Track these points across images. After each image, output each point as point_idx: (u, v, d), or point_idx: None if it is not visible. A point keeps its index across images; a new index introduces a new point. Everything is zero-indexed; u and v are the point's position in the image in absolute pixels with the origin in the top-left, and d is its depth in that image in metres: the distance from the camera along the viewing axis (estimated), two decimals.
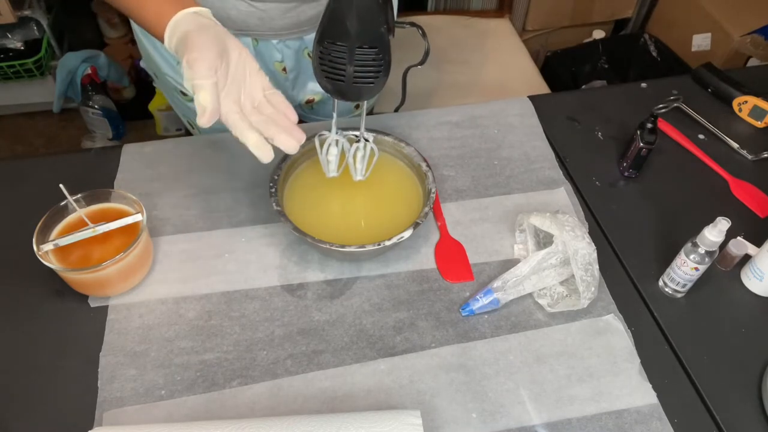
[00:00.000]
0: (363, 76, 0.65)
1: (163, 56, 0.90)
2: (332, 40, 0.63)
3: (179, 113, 1.03)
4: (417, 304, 0.74)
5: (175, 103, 1.00)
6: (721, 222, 0.68)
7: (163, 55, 0.90)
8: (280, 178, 0.77)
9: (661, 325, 0.73)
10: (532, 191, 0.87)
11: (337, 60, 0.64)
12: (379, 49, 0.63)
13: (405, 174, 0.83)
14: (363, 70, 0.64)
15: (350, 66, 0.64)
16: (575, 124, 0.99)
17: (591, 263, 0.70)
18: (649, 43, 1.97)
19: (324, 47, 0.64)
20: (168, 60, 0.90)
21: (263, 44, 0.88)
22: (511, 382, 0.67)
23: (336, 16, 0.61)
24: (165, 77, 0.93)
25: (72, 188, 0.71)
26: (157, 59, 0.91)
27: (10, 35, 1.87)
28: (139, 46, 0.94)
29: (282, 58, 0.91)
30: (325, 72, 0.65)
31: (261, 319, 0.72)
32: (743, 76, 1.04)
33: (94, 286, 0.71)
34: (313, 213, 0.78)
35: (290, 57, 0.91)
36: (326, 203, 0.80)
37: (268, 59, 0.90)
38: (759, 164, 0.94)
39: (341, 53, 0.63)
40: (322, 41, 0.64)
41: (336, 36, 0.62)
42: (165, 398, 0.65)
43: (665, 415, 0.65)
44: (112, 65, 1.98)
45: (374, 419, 0.58)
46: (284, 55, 0.90)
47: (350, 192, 0.81)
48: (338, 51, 0.63)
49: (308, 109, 1.06)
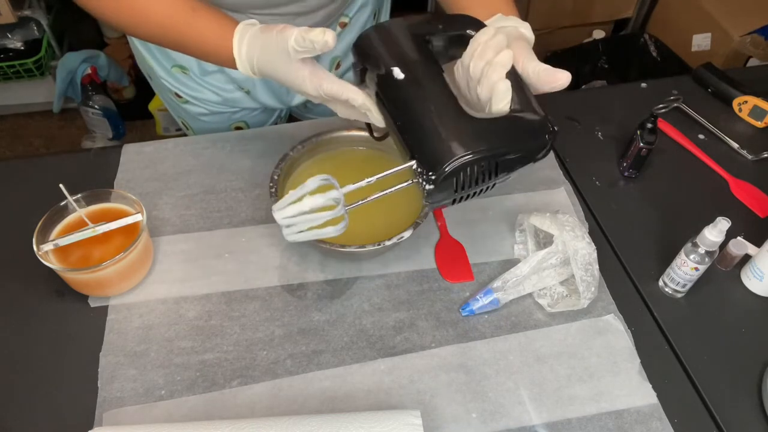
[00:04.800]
0: (467, 196, 0.58)
1: (156, 59, 0.90)
2: (501, 165, 0.55)
3: (174, 114, 1.03)
4: (417, 304, 0.74)
5: (170, 105, 1.00)
6: (721, 222, 0.68)
7: (157, 58, 0.90)
8: (280, 178, 0.77)
9: (661, 325, 0.73)
10: (532, 191, 0.87)
11: (480, 179, 0.56)
12: (501, 180, 0.58)
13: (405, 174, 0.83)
14: (466, 191, 0.57)
15: (473, 187, 0.56)
16: (575, 124, 0.99)
17: (591, 263, 0.70)
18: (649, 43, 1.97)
19: (481, 160, 0.53)
20: (162, 63, 0.90)
21: None
22: (511, 382, 0.67)
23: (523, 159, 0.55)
24: (159, 80, 0.93)
25: (72, 188, 0.71)
26: (150, 62, 0.90)
27: (10, 35, 1.87)
28: (133, 50, 0.94)
29: None
30: (455, 178, 0.54)
31: (261, 319, 0.72)
32: (743, 76, 1.04)
33: (94, 286, 0.71)
34: None
35: None
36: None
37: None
38: (759, 164, 0.94)
39: (489, 179, 0.56)
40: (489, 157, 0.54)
41: (503, 162, 0.55)
42: (165, 398, 0.65)
43: (665, 415, 0.65)
44: (112, 65, 1.99)
45: (374, 419, 0.58)
46: None
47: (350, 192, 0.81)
48: (490, 176, 0.56)
49: (302, 107, 1.06)
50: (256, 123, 1.01)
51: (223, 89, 0.92)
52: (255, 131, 0.95)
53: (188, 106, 0.95)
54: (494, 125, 0.55)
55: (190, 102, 0.94)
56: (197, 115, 0.97)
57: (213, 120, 0.97)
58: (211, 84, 0.91)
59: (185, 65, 0.89)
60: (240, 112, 0.98)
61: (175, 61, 0.88)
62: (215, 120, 0.98)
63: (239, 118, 0.99)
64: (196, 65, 0.88)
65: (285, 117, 1.08)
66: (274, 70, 0.61)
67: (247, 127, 1.00)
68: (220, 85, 0.91)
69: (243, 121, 1.00)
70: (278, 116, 1.05)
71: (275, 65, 0.60)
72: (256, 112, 0.99)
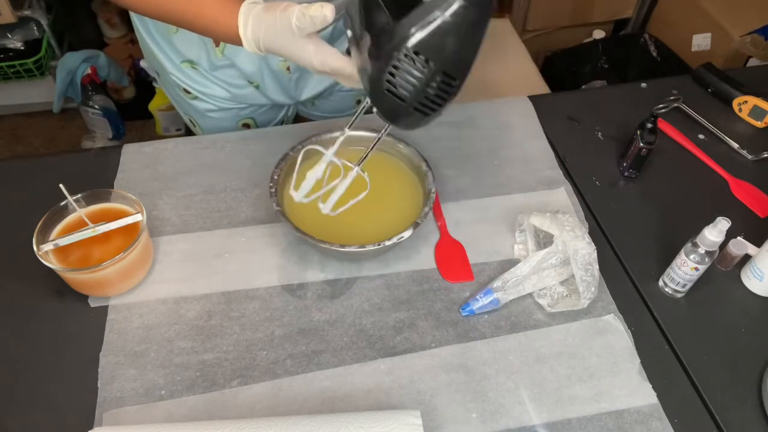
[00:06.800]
0: (428, 104, 0.57)
1: (166, 54, 0.90)
2: (423, 54, 0.53)
3: (181, 111, 1.03)
4: (417, 304, 0.74)
5: (178, 102, 1.00)
6: (721, 222, 0.68)
7: (166, 53, 0.90)
8: (280, 178, 0.77)
9: (661, 325, 0.73)
10: (532, 191, 0.87)
11: (413, 77, 0.55)
12: (459, 82, 0.56)
13: (405, 174, 0.83)
14: (433, 98, 0.56)
15: (424, 88, 0.55)
16: (575, 124, 0.99)
17: (591, 263, 0.70)
18: (649, 43, 1.97)
19: (406, 57, 0.54)
20: (171, 58, 0.90)
21: None
22: (511, 382, 0.67)
23: (440, 30, 0.52)
24: (168, 75, 0.93)
25: (72, 188, 0.71)
26: (160, 58, 0.91)
27: (10, 35, 1.87)
28: (141, 46, 0.94)
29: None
30: (390, 84, 0.56)
31: (261, 319, 0.72)
32: (743, 76, 1.04)
33: (94, 286, 0.71)
34: (313, 213, 0.78)
35: None
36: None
37: (273, 59, 0.89)
38: (759, 164, 0.94)
39: (422, 72, 0.54)
40: (405, 48, 0.53)
41: (430, 51, 0.53)
42: (165, 398, 0.65)
43: (665, 415, 0.65)
44: (112, 65, 1.98)
45: (374, 419, 0.58)
46: None
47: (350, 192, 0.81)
48: (421, 68, 0.54)
49: (309, 105, 1.06)
50: (264, 120, 1.02)
51: (233, 84, 0.92)
52: (255, 131, 0.95)
53: (196, 102, 0.95)
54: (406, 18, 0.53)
55: (199, 98, 0.94)
56: (205, 111, 0.97)
57: (221, 116, 0.98)
58: (220, 79, 0.91)
59: (194, 60, 0.89)
60: (248, 109, 0.98)
61: (184, 56, 0.89)
62: (223, 116, 0.98)
63: (247, 114, 0.99)
64: (206, 60, 0.89)
65: (292, 116, 1.08)
66: (280, 48, 0.62)
67: (254, 124, 1.01)
68: (229, 80, 0.91)
69: (251, 117, 1.00)
70: (285, 114, 1.05)
71: (281, 43, 0.61)
72: (264, 108, 0.99)
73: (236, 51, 0.86)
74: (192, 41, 0.86)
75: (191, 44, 0.87)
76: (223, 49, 0.86)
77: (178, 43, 0.87)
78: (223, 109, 0.96)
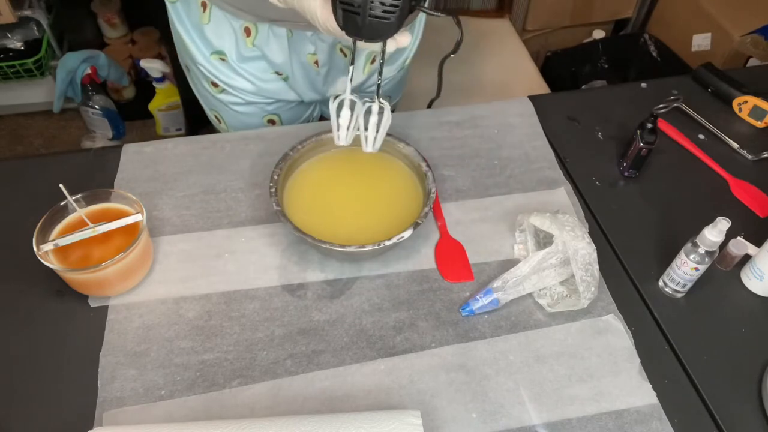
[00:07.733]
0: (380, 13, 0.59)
1: (197, 46, 0.90)
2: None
3: (207, 107, 1.03)
4: (417, 304, 0.74)
5: (205, 96, 1.00)
6: (721, 222, 0.68)
7: (198, 45, 0.90)
8: (280, 178, 0.77)
9: (661, 325, 0.73)
10: (532, 191, 0.87)
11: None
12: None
13: (405, 174, 0.83)
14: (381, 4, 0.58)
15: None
16: (575, 124, 0.99)
17: (591, 263, 0.70)
18: (649, 43, 1.97)
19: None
20: (202, 50, 0.90)
21: (297, 35, 0.88)
22: (511, 382, 0.67)
23: None
24: (197, 68, 0.93)
25: (72, 188, 0.71)
26: (191, 49, 0.91)
27: (10, 35, 1.87)
28: (175, 39, 0.94)
29: (315, 51, 0.90)
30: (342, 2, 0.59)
31: (261, 319, 0.72)
32: (743, 76, 1.04)
33: (94, 286, 0.71)
34: (313, 213, 0.78)
35: (324, 51, 0.91)
36: (326, 203, 0.80)
37: (301, 51, 0.89)
38: (759, 164, 0.94)
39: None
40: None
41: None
42: (165, 398, 0.65)
43: (665, 415, 0.65)
44: (112, 65, 1.98)
45: (374, 419, 0.58)
46: (317, 48, 0.90)
47: (350, 192, 0.82)
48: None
49: None
50: (289, 117, 1.01)
51: (260, 78, 0.92)
52: (255, 132, 0.95)
53: (223, 95, 0.96)
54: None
55: (226, 90, 0.95)
56: (231, 104, 0.97)
57: (247, 111, 0.98)
58: (248, 71, 0.91)
59: (224, 51, 0.89)
60: (274, 104, 0.98)
61: (215, 47, 0.89)
62: (249, 111, 0.98)
63: (273, 110, 0.99)
64: (235, 51, 0.89)
65: (317, 117, 1.07)
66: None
67: (280, 120, 1.01)
68: (256, 73, 0.91)
69: (276, 114, 1.00)
70: (311, 114, 1.05)
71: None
72: (291, 105, 0.99)
73: (266, 41, 0.86)
74: (223, 31, 0.87)
75: (222, 34, 0.87)
76: (253, 39, 0.86)
77: (209, 33, 0.87)
78: (249, 103, 0.97)
